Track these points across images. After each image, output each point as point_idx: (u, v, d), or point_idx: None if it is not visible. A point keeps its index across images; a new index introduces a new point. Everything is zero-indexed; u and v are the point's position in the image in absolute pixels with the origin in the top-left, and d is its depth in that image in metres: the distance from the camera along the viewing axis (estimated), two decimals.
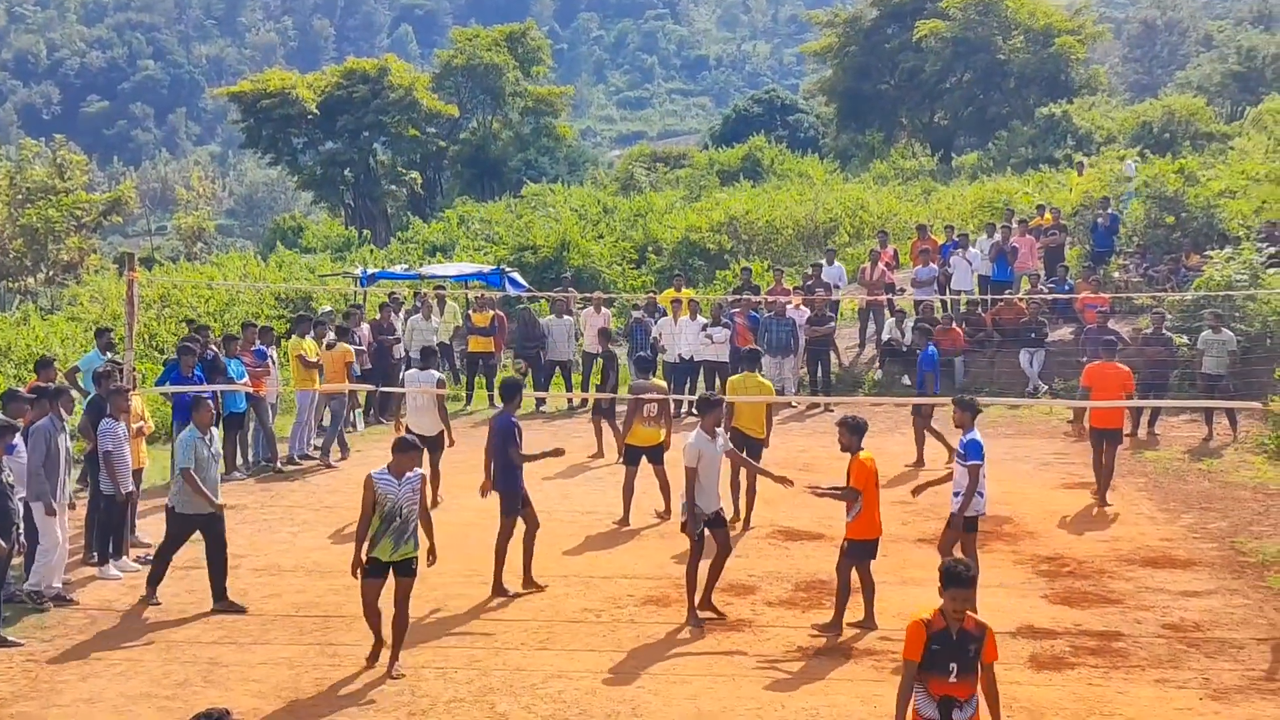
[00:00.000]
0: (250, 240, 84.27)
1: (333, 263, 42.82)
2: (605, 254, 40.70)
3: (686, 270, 37.86)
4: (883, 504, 18.35)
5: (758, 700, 12.32)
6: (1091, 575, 16.21)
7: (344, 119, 61.68)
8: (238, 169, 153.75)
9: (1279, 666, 13.19)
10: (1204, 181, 33.15)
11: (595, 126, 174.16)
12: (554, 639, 14.15)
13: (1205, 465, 22.13)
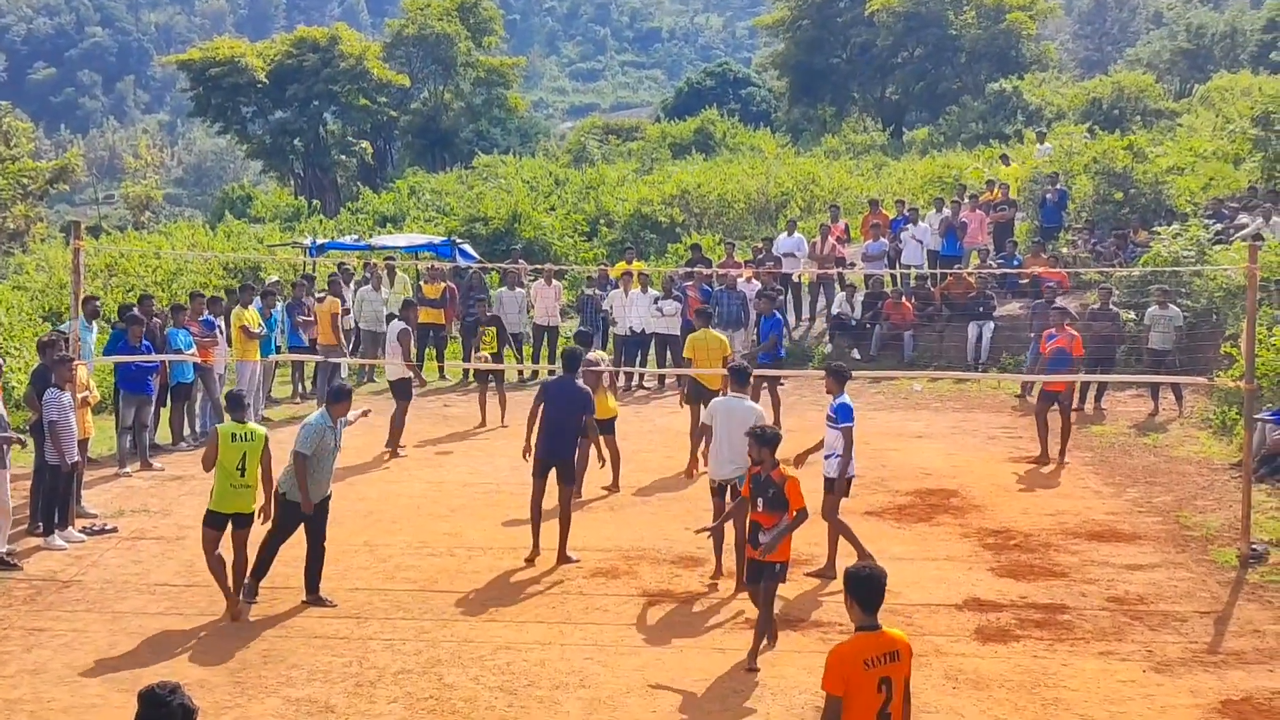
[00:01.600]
0: (198, 210, 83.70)
1: (282, 233, 42.53)
2: (556, 226, 40.62)
3: (638, 243, 37.86)
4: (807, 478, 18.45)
5: (705, 672, 12.36)
6: (1037, 548, 16.32)
7: (294, 88, 61.24)
8: (186, 138, 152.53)
9: (1221, 639, 13.33)
10: (1152, 158, 33.34)
11: (547, 98, 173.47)
12: (502, 611, 14.14)
13: (1151, 440, 22.31)
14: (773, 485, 12.52)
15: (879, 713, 7.87)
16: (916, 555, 15.69)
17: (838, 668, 7.89)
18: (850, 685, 7.84)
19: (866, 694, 7.85)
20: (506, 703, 11.70)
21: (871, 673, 7.86)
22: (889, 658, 7.94)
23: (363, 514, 17.78)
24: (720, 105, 62.14)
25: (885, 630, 8.09)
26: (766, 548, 12.45)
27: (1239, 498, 16.33)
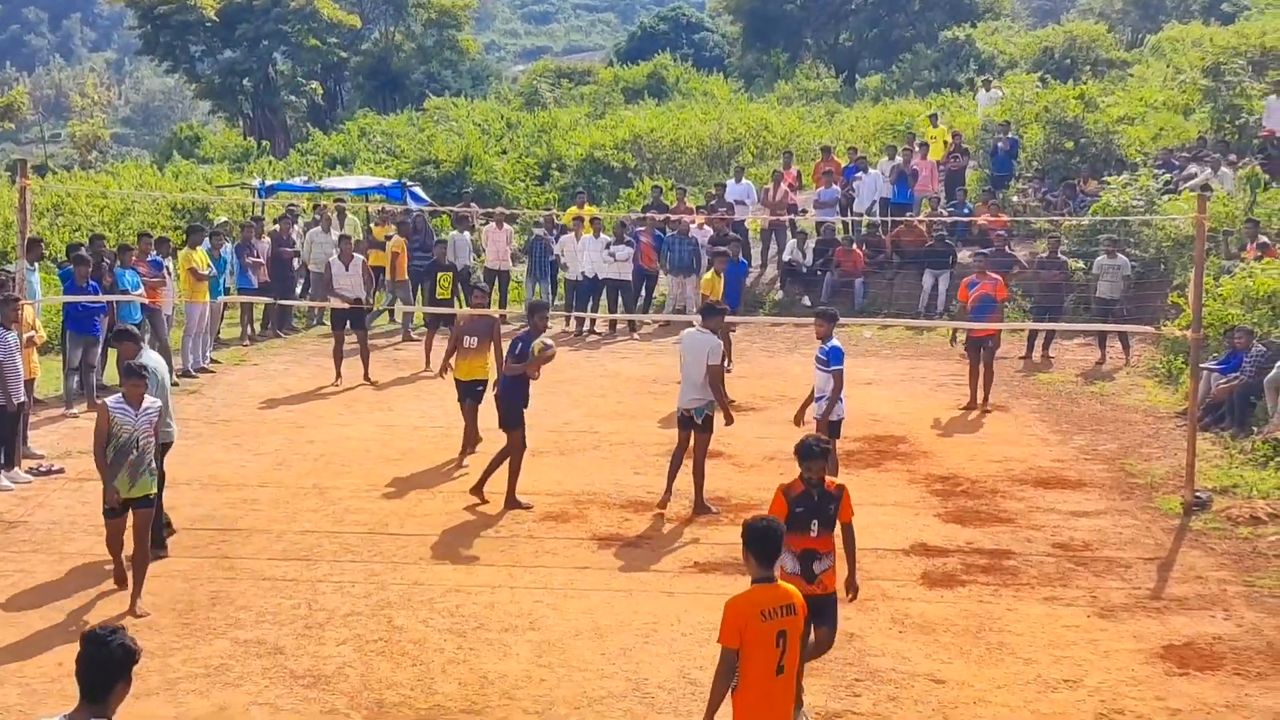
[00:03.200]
0: (146, 149, 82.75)
1: (230, 174, 42.12)
2: (508, 170, 40.43)
3: (590, 188, 37.71)
4: (776, 424, 18.59)
5: (654, 615, 12.41)
6: (984, 495, 16.45)
7: (243, 27, 60.45)
8: (134, 76, 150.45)
9: (1164, 585, 13.49)
10: (1103, 108, 33.47)
11: (499, 40, 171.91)
12: (452, 554, 14.14)
13: (1097, 388, 22.48)
14: (831, 500, 10.07)
15: (776, 665, 7.90)
16: (864, 501, 15.74)
17: (734, 620, 7.90)
18: (747, 637, 7.86)
19: (764, 646, 7.88)
20: (456, 645, 11.72)
21: (769, 625, 7.88)
22: (785, 610, 7.96)
23: (313, 457, 17.72)
24: (673, 50, 61.78)
25: (781, 584, 8.12)
26: (851, 585, 10.51)
27: (1184, 446, 16.50)
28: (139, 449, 12.25)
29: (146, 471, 12.39)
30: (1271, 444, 17.68)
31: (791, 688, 8.17)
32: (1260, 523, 15.39)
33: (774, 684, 7.92)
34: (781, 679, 7.95)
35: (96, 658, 5.89)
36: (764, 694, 7.90)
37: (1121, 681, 11.22)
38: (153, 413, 12.37)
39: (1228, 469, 17.31)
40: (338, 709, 10.45)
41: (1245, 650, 11.89)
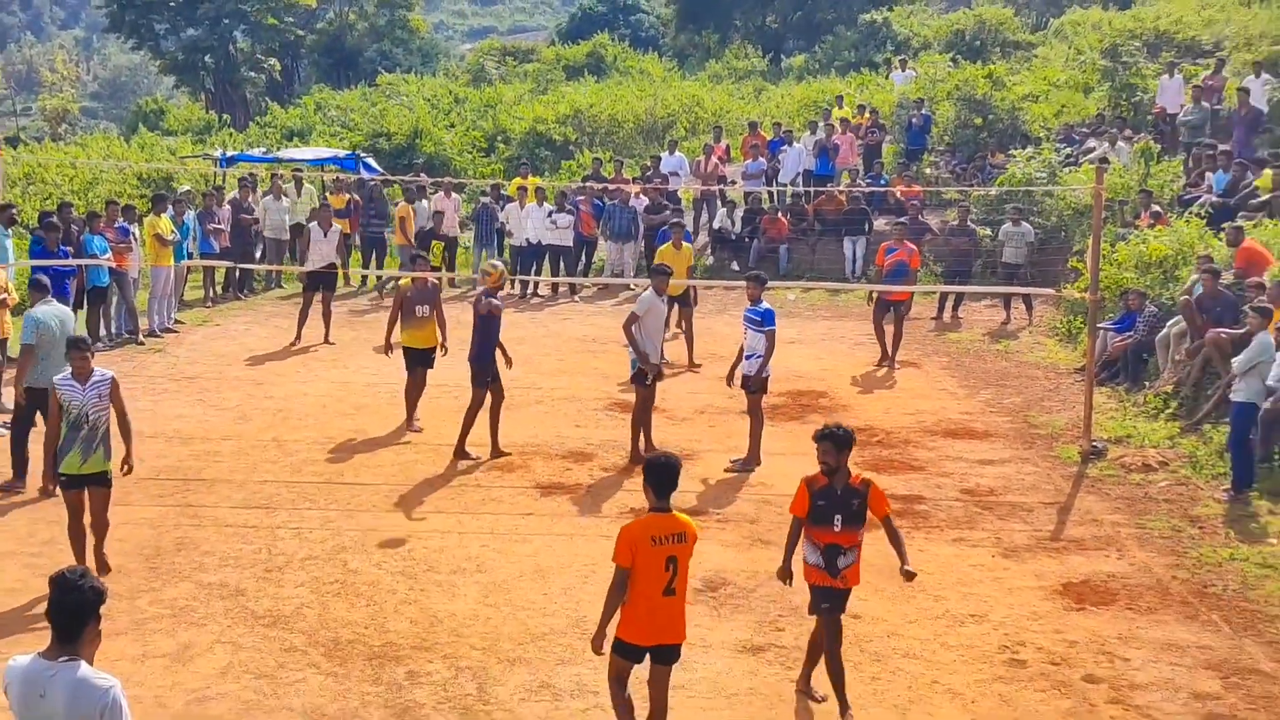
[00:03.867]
0: (114, 122, 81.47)
1: (193, 145, 41.56)
2: (456, 142, 40.16)
3: (533, 159, 37.54)
4: (706, 380, 18.62)
5: (592, 557, 12.43)
6: (898, 445, 16.56)
7: (205, 6, 59.56)
8: (101, 53, 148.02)
9: (1063, 528, 13.64)
10: (1009, 86, 33.63)
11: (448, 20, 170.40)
12: (404, 502, 14.10)
13: (1003, 346, 22.66)
14: (855, 495, 9.34)
15: (665, 587, 8.20)
16: (788, 451, 15.83)
17: (626, 542, 8.20)
18: (637, 559, 8.15)
19: (653, 569, 8.18)
20: (407, 586, 11.70)
21: (658, 550, 8.17)
22: (675, 538, 8.22)
23: (272, 412, 17.60)
24: (611, 30, 61.44)
25: (676, 514, 8.35)
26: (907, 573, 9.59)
27: (1082, 399, 16.69)
28: (89, 424, 11.21)
29: (100, 447, 11.35)
30: (1162, 397, 17.89)
31: (680, 609, 8.42)
32: (1151, 470, 15.58)
33: (661, 602, 8.24)
34: (670, 599, 8.27)
35: (66, 601, 5.83)
36: (650, 610, 8.23)
37: (1024, 616, 11.35)
38: (102, 385, 11.31)
39: (1122, 421, 17.50)
40: (296, 646, 10.42)
41: (1137, 587, 12.06)
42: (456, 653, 10.37)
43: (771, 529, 13.28)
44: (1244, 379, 14.62)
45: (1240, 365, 14.63)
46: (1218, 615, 11.47)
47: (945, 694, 9.87)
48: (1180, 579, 12.29)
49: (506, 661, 10.23)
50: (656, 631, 8.33)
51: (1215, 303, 17.83)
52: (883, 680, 10.05)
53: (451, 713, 9.35)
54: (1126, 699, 9.81)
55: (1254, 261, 18.65)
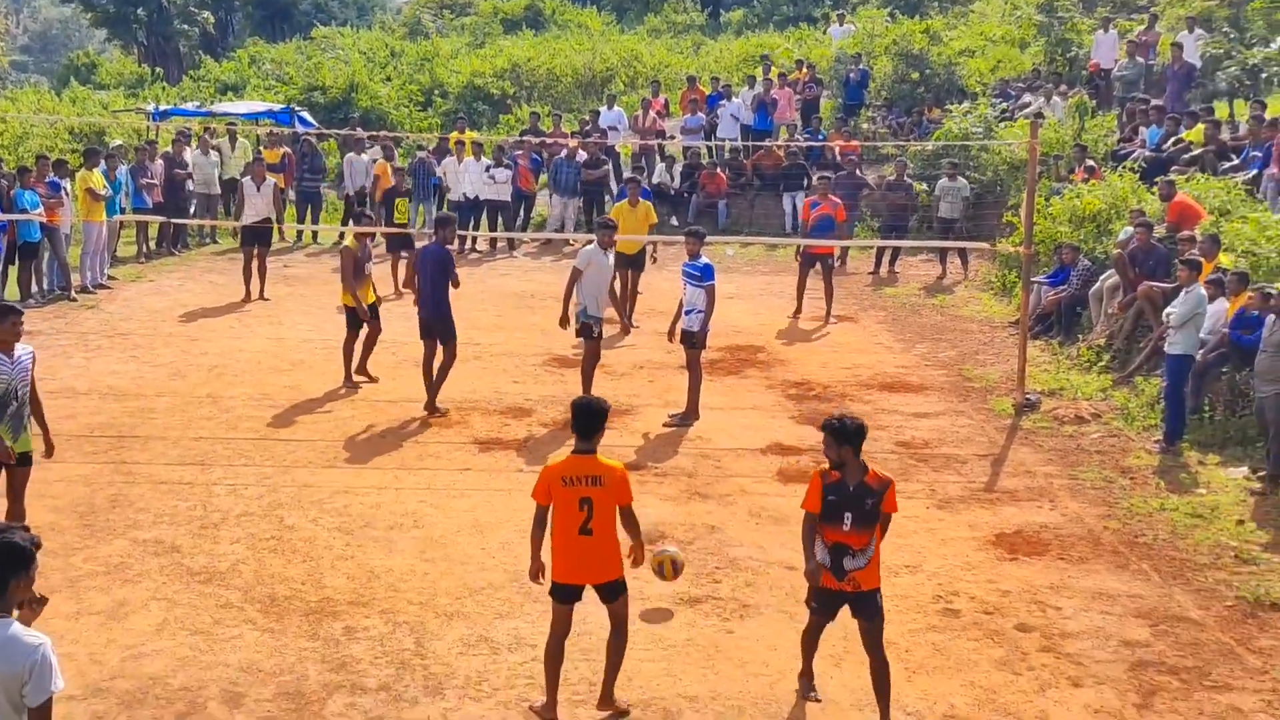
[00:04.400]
0: (45, 76, 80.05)
1: (126, 99, 40.95)
2: (393, 96, 39.77)
3: (471, 114, 37.28)
4: (645, 335, 18.62)
5: (530, 511, 12.37)
6: (834, 398, 16.65)
7: None
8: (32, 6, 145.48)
9: (997, 479, 13.78)
10: (946, 41, 33.75)
11: None
12: (340, 457, 14.03)
13: (939, 301, 22.81)
14: (870, 494, 8.66)
15: (580, 527, 8.42)
16: (726, 405, 15.89)
17: (543, 481, 8.57)
18: (552, 498, 8.49)
19: (568, 508, 8.44)
20: (344, 542, 11.67)
21: (571, 490, 8.43)
22: (590, 480, 8.44)
23: (206, 368, 17.44)
24: None
25: (598, 458, 8.56)
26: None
27: (1016, 353, 16.84)
28: (18, 399, 10.25)
29: (27, 425, 10.45)
30: (1095, 350, 18.08)
31: (604, 549, 8.56)
32: (1084, 421, 15.76)
33: (578, 541, 8.46)
34: (587, 539, 8.46)
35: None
36: (568, 548, 8.50)
37: (957, 566, 11.47)
38: (27, 360, 10.29)
39: (1055, 373, 17.68)
40: (232, 602, 10.37)
41: (1069, 537, 12.21)
42: (394, 608, 10.35)
43: (709, 483, 13.35)
44: (1179, 332, 14.79)
45: (1177, 319, 14.79)
46: (1148, 564, 11.64)
47: None
48: (1111, 529, 12.46)
49: (444, 616, 10.23)
50: (580, 570, 8.57)
51: (1148, 256, 18.02)
52: None
53: (389, 667, 9.35)
54: (1058, 647, 9.94)
55: (1186, 215, 18.83)
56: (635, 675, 9.18)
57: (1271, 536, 12.20)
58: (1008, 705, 9.04)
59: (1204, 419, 15.09)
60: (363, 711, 8.70)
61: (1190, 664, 9.78)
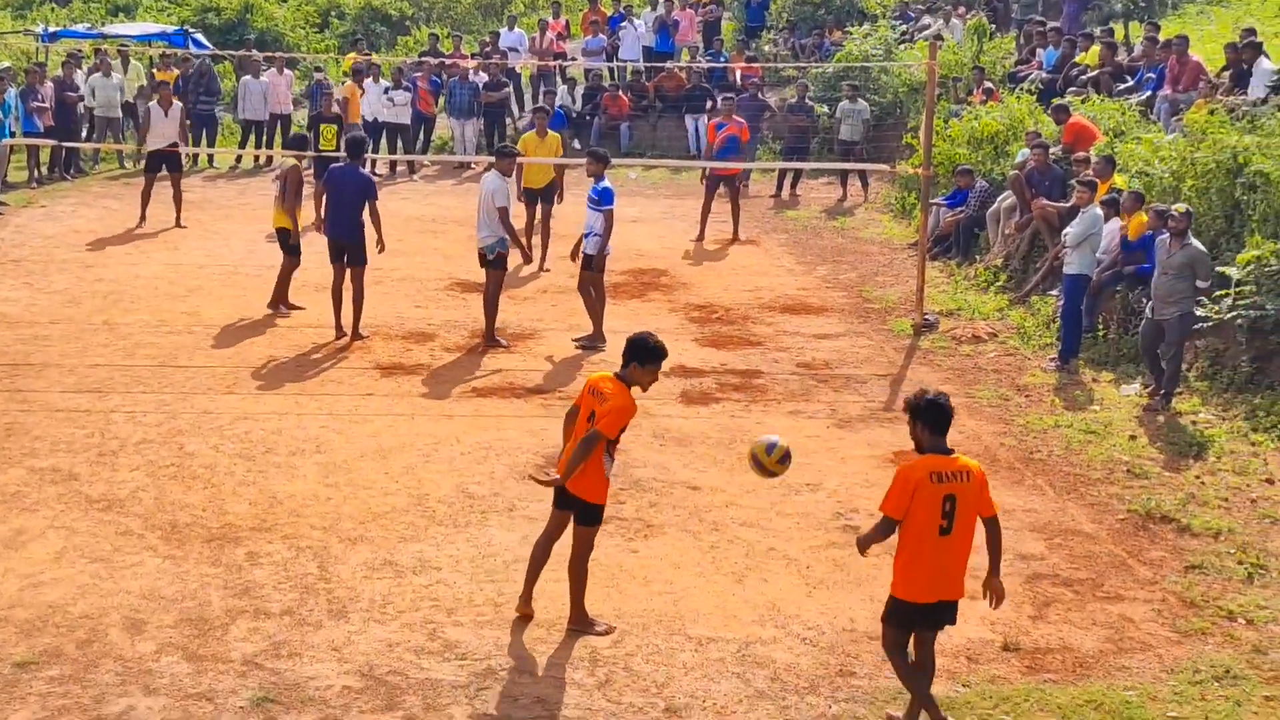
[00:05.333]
0: None
1: (13, 20, 39.80)
2: (289, 18, 39.01)
3: (369, 35, 36.72)
4: (551, 261, 18.55)
5: (435, 436, 12.42)
6: (737, 321, 16.74)
7: None
8: None
9: (895, 399, 13.95)
10: None
11: None
12: (240, 384, 13.87)
13: (839, 223, 22.95)
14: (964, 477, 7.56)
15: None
16: (629, 328, 15.69)
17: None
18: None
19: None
20: (245, 468, 11.57)
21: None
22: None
23: (102, 295, 17.12)
24: None
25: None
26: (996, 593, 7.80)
27: (914, 274, 17.00)
28: None
29: None
30: (992, 271, 18.33)
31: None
32: (981, 341, 16.01)
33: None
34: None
35: None
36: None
37: (856, 484, 11.63)
38: None
39: (953, 294, 17.92)
40: (132, 530, 10.26)
41: (966, 454, 12.31)
42: (297, 533, 10.31)
43: None
44: (1076, 252, 15.01)
45: (1074, 239, 15.00)
46: (1043, 480, 11.88)
47: (781, 560, 10.10)
48: (1007, 446, 12.70)
49: (348, 540, 10.20)
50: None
51: (1044, 177, 18.23)
52: (720, 549, 10.24)
53: (292, 591, 9.32)
54: None
55: (1081, 136, 19.05)
56: (540, 595, 9.22)
57: (1162, 451, 12.50)
58: None
59: (1098, 337, 15.38)
60: (266, 636, 8.68)
61: (1084, 576, 10.02)
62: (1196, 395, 13.73)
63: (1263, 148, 15.27)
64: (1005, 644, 8.88)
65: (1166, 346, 13.66)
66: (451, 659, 8.51)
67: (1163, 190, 16.18)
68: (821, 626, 9.07)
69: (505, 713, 7.92)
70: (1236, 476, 11.83)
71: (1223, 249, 14.98)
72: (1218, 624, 9.27)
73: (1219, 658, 8.78)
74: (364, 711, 7.87)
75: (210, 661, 8.35)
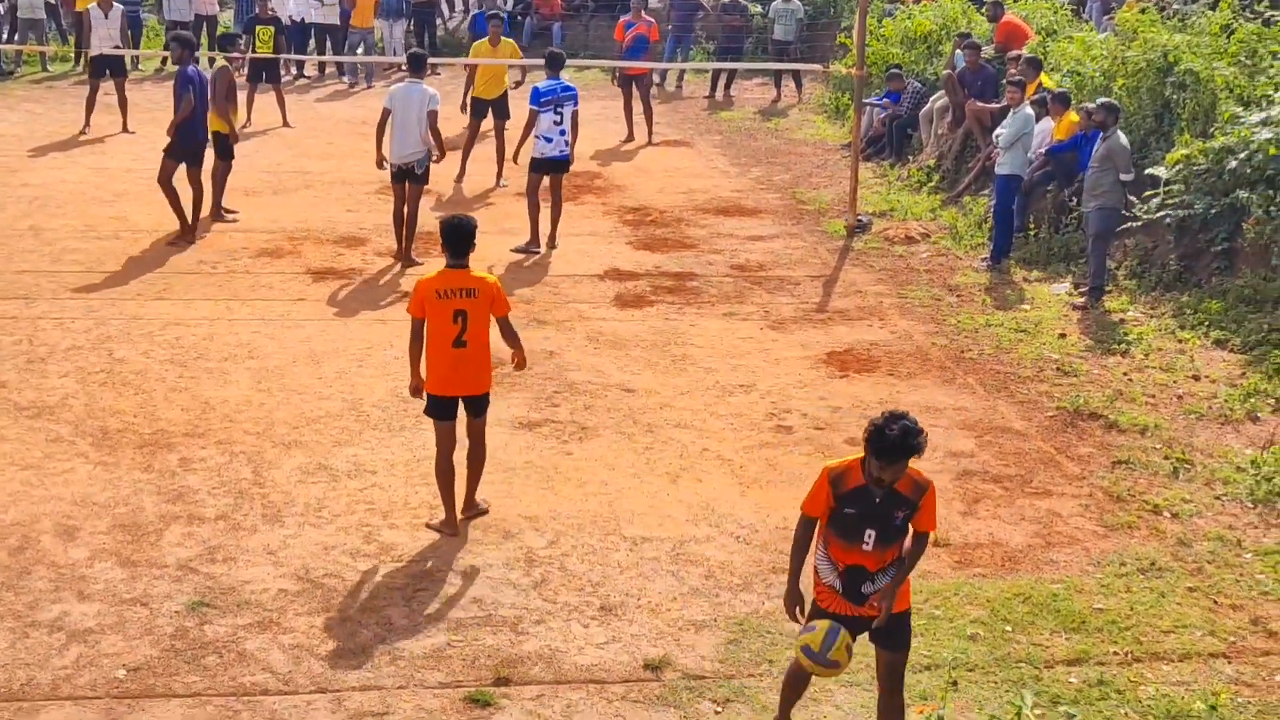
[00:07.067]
0: None
1: None
2: None
3: None
4: (478, 163, 18.39)
5: (368, 340, 12.35)
6: (671, 224, 16.71)
7: None
8: None
9: (829, 300, 14.04)
10: None
11: None
12: (170, 290, 13.71)
13: (773, 124, 22.90)
14: (902, 504, 6.29)
15: (455, 339, 8.62)
16: (562, 232, 15.80)
17: (416, 295, 8.73)
18: (427, 311, 8.63)
19: (442, 320, 8.62)
20: (177, 374, 11.47)
21: (445, 303, 8.61)
22: (464, 293, 8.65)
23: (27, 200, 16.80)
24: None
25: (470, 271, 8.81)
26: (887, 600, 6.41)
27: (848, 175, 17.01)
28: None
29: None
30: (925, 171, 18.37)
31: (477, 362, 8.79)
32: (913, 241, 16.08)
33: (451, 354, 8.67)
34: (461, 351, 8.67)
35: None
36: (443, 361, 8.72)
37: (790, 385, 11.71)
38: None
39: (886, 195, 17.96)
40: (63, 437, 10.16)
41: (898, 354, 12.52)
42: (230, 438, 10.26)
43: (547, 309, 13.37)
44: (1007, 152, 15.06)
45: (1005, 140, 15.05)
46: (973, 378, 12.00)
47: (715, 460, 10.17)
48: (939, 345, 12.80)
49: (282, 445, 10.16)
50: (455, 383, 8.78)
51: (976, 77, 18.24)
52: (655, 450, 10.29)
53: (226, 496, 9.29)
54: None
55: (1013, 35, 19.07)
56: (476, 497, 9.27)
57: (1091, 349, 12.65)
58: None
59: (1029, 237, 15.48)
60: (201, 541, 8.66)
61: (1013, 472, 10.17)
62: (1125, 294, 13.88)
63: (1192, 46, 15.36)
64: (935, 540, 8.98)
65: (1089, 239, 13.82)
66: (388, 561, 8.54)
67: (1094, 89, 16.25)
68: (755, 525, 9.16)
69: (442, 614, 7.97)
70: (1163, 373, 12.00)
71: (1152, 148, 15.11)
72: (1143, 518, 9.45)
73: (1144, 551, 8.96)
74: (300, 614, 7.89)
75: (145, 567, 8.33)
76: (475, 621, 7.90)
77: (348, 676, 7.33)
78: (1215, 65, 14.83)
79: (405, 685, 7.28)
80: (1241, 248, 13.34)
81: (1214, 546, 9.04)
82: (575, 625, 7.90)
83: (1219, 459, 10.36)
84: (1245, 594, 8.46)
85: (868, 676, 7.25)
